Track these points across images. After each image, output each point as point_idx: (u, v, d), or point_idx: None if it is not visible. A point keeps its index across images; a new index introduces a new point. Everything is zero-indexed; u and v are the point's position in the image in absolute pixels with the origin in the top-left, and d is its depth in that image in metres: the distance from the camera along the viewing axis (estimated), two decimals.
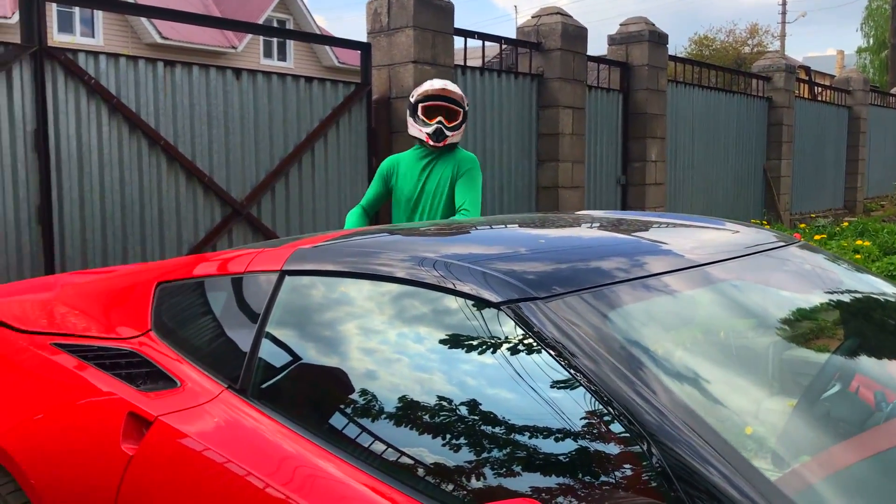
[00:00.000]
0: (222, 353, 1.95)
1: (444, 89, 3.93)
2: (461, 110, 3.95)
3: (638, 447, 1.29)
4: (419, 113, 3.92)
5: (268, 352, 1.82)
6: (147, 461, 1.77)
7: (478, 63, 7.95)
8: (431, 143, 3.88)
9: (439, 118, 3.88)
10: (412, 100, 3.98)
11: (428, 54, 6.58)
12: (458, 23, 6.95)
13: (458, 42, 7.13)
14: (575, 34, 8.14)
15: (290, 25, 25.82)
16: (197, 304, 2.19)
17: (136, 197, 5.24)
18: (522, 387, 1.46)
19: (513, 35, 8.25)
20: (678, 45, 35.86)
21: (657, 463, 1.26)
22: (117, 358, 2.11)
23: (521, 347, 1.50)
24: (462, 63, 7.31)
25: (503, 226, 2.34)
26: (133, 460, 1.78)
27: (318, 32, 24.44)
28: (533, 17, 8.22)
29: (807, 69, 15.17)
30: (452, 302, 1.62)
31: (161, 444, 1.77)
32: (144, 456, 1.77)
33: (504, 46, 8.29)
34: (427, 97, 3.92)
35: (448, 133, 3.88)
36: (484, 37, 7.51)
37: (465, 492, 1.40)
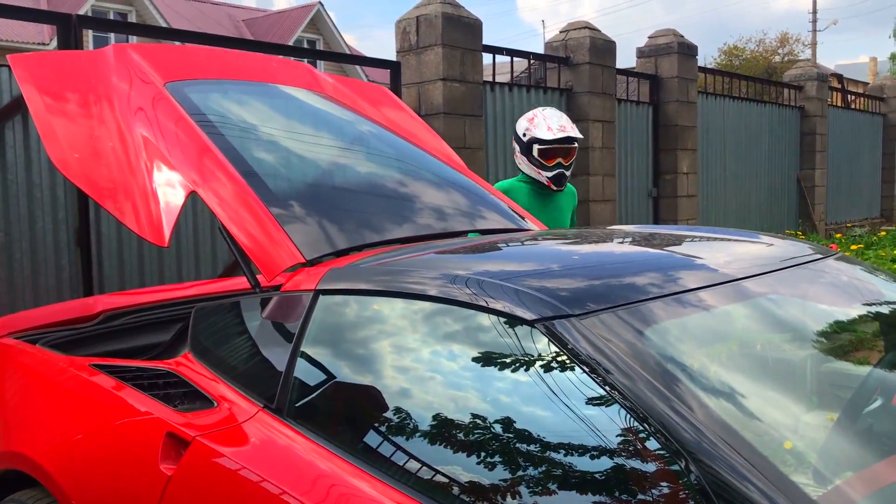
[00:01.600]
0: (257, 373, 1.97)
1: (566, 137, 3.76)
2: (576, 146, 3.82)
3: (675, 464, 1.28)
4: (535, 154, 3.75)
5: (302, 371, 1.84)
6: (185, 481, 1.79)
7: (506, 79, 7.97)
8: (554, 187, 3.78)
9: (559, 160, 3.74)
10: (524, 137, 3.81)
11: (457, 71, 6.61)
12: (486, 39, 6.99)
13: (487, 58, 7.16)
14: (603, 48, 8.13)
15: (320, 45, 26.10)
16: (232, 324, 2.21)
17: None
18: (557, 404, 1.46)
19: (541, 50, 8.26)
20: (707, 56, 35.66)
21: (695, 480, 1.25)
22: (155, 378, 2.14)
23: (555, 365, 1.49)
24: (491, 79, 7.33)
25: (535, 242, 2.34)
26: (171, 480, 1.80)
27: (347, 52, 24.69)
28: (561, 32, 8.22)
29: (839, 77, 14.99)
30: (485, 319, 1.62)
31: (198, 464, 1.78)
32: (183, 476, 1.79)
33: (532, 62, 8.31)
34: (547, 143, 3.74)
35: (567, 174, 3.79)
36: (512, 52, 7.53)
37: None
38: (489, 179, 6.73)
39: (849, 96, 14.15)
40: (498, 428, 1.50)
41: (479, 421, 1.53)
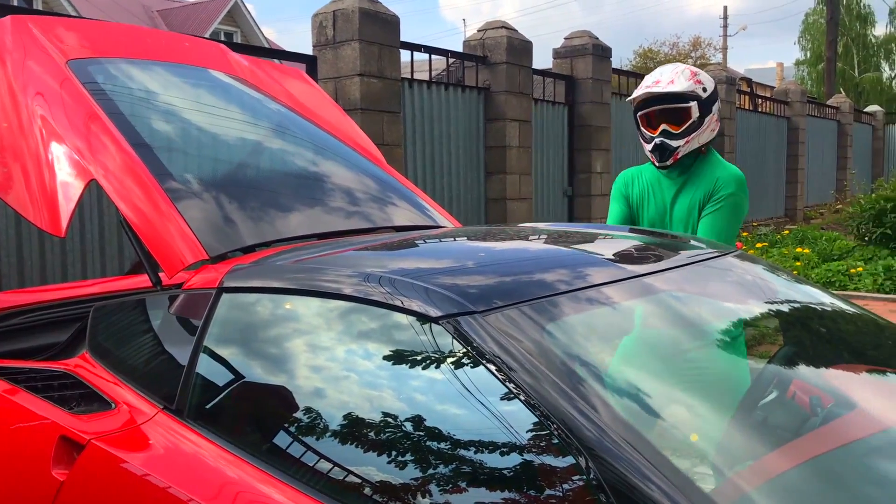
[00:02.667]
0: (157, 374, 1.91)
1: (651, 92, 2.82)
2: (691, 105, 2.78)
3: (576, 461, 1.29)
4: (640, 124, 2.90)
5: (203, 372, 1.79)
6: (79, 486, 1.71)
7: (426, 76, 7.97)
8: (657, 164, 2.85)
9: (663, 126, 2.79)
10: (632, 105, 2.94)
11: (374, 67, 6.57)
12: (408, 35, 6.98)
13: (406, 55, 7.14)
14: (520, 48, 8.21)
15: (237, 38, 25.61)
16: (132, 323, 2.14)
17: (76, 213, 5.12)
18: (464, 402, 1.45)
19: (461, 48, 8.30)
20: (624, 58, 36.47)
21: (594, 477, 1.26)
22: (50, 380, 2.05)
23: (463, 362, 1.49)
24: (409, 76, 7.31)
25: (451, 239, 2.34)
26: (64, 486, 1.72)
27: (265, 45, 24.28)
28: (479, 31, 8.27)
29: (748, 81, 15.54)
30: (397, 318, 1.61)
31: (93, 468, 1.71)
32: (76, 481, 1.72)
33: (451, 60, 8.32)
34: (638, 105, 2.88)
35: (675, 144, 2.79)
36: (430, 50, 7.53)
37: None
38: (407, 176, 6.71)
39: (757, 100, 14.68)
40: (408, 427, 1.49)
41: (389, 420, 1.52)
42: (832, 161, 17.86)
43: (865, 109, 21.81)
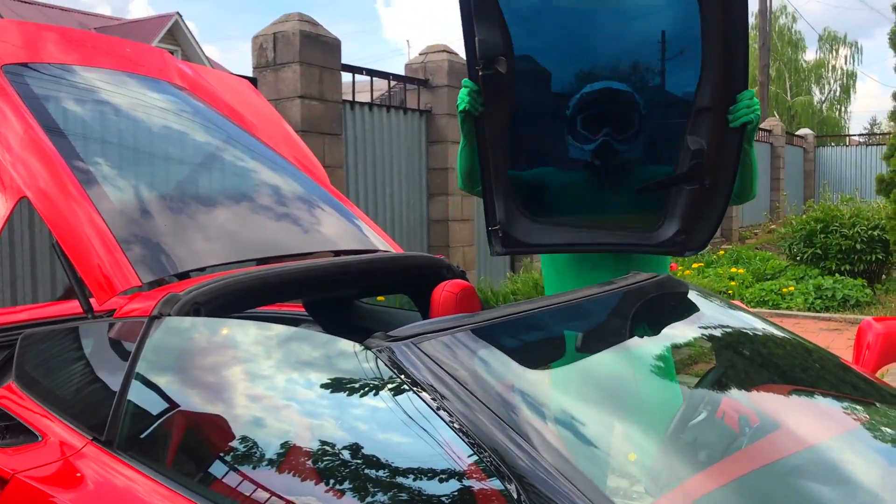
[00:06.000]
0: (87, 405, 1.87)
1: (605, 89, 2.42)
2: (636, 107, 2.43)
3: (504, 489, 1.30)
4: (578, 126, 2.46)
5: (134, 403, 1.75)
6: None
7: (367, 97, 7.99)
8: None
9: (606, 129, 2.41)
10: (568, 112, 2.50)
11: (315, 90, 6.56)
12: (351, 56, 7.03)
13: (347, 77, 7.15)
14: (461, 71, 8.28)
15: (178, 56, 25.28)
16: (61, 352, 2.09)
17: (5, 236, 4.98)
18: (402, 429, 1.45)
19: (403, 70, 8.34)
20: None
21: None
22: None
23: (401, 389, 1.49)
24: (351, 98, 7.32)
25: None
26: None
27: (207, 64, 24.02)
28: (420, 55, 8.33)
29: None
30: (330, 345, 1.60)
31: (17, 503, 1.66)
32: None
33: (393, 83, 8.36)
34: (579, 105, 2.43)
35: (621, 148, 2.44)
36: (372, 73, 7.55)
37: None
38: (349, 198, 6.69)
39: None
40: (346, 455, 1.48)
41: (326, 448, 1.51)
42: (765, 182, 18.38)
43: (797, 132, 22.54)
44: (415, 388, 1.44)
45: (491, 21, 2.19)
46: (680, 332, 2.09)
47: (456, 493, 1.35)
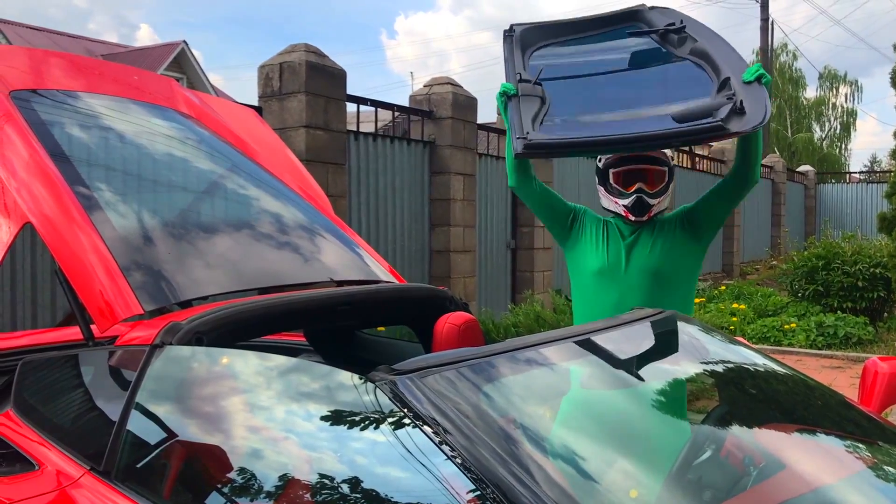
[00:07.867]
0: (85, 434, 1.85)
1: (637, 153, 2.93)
2: (666, 169, 2.99)
3: None
4: (610, 180, 3.01)
5: (133, 433, 1.73)
6: None
7: (371, 127, 8.03)
8: (633, 217, 2.98)
9: (638, 185, 2.94)
10: (600, 165, 3.08)
11: (320, 119, 6.60)
12: (355, 86, 7.07)
13: (352, 107, 7.19)
14: (465, 104, 8.35)
15: (183, 84, 25.47)
16: (61, 380, 2.07)
17: (8, 260, 4.98)
18: (403, 463, 1.44)
19: (407, 101, 8.39)
20: None
21: None
22: None
23: (404, 423, 1.47)
24: (355, 128, 7.36)
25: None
26: None
27: (212, 93, 24.20)
28: (425, 87, 8.39)
29: None
30: (333, 377, 1.59)
31: None
32: None
33: (397, 113, 8.41)
34: (614, 162, 3.00)
35: (651, 202, 2.97)
36: (376, 104, 7.60)
37: None
38: (352, 227, 6.70)
39: (695, 158, 15.13)
40: (345, 488, 1.46)
41: (326, 481, 1.49)
42: (766, 218, 18.43)
43: (798, 169, 22.64)
44: (417, 422, 1.42)
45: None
46: (683, 368, 2.07)
47: None
